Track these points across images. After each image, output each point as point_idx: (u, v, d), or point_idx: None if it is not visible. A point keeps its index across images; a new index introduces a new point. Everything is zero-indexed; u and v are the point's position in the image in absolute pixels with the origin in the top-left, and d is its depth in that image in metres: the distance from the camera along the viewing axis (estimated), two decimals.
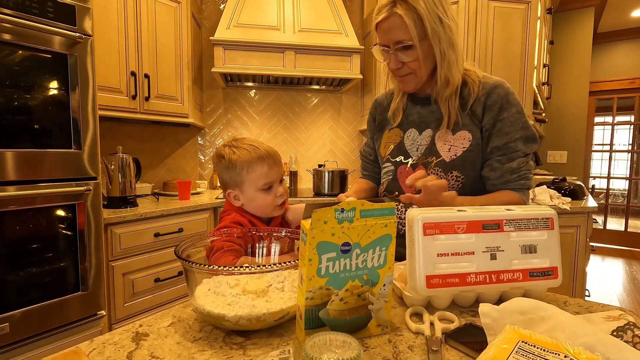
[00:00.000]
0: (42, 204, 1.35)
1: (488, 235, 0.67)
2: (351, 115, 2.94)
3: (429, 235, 0.64)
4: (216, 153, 0.99)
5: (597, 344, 0.44)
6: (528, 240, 0.68)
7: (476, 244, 0.66)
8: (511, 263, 0.67)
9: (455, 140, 0.95)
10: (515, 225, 0.68)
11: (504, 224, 0.68)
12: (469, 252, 0.65)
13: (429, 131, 0.99)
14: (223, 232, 0.82)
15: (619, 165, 4.92)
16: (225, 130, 2.76)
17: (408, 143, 1.02)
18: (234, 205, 0.98)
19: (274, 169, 0.95)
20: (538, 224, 0.68)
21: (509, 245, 0.67)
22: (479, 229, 0.66)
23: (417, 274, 0.63)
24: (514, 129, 0.92)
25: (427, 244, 0.64)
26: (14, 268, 1.29)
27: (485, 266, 0.65)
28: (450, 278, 0.64)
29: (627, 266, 4.01)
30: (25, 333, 1.32)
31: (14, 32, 1.25)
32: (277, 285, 0.62)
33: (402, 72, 0.95)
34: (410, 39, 0.88)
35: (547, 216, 0.69)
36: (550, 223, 0.69)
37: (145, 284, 1.77)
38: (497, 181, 0.94)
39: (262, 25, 2.32)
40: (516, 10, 2.21)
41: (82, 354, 0.51)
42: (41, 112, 1.34)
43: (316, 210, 0.50)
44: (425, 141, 0.99)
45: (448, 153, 0.95)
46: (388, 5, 0.88)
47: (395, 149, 1.04)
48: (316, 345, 0.46)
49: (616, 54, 4.25)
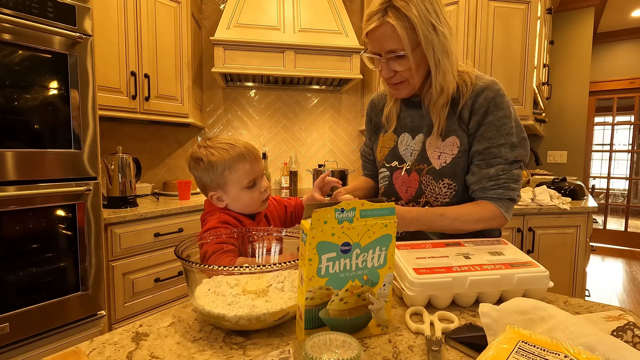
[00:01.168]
0: (42, 204, 1.35)
1: (453, 248, 0.78)
2: (351, 115, 2.94)
3: (403, 249, 0.76)
4: (192, 156, 0.93)
5: (597, 344, 0.44)
6: (493, 249, 0.78)
7: (447, 251, 0.76)
8: (485, 261, 0.72)
9: (445, 146, 0.92)
10: (474, 243, 0.81)
11: (463, 243, 0.81)
12: (443, 256, 0.73)
13: (420, 136, 0.97)
14: (212, 232, 0.79)
15: (619, 165, 4.92)
16: (225, 130, 2.76)
17: (402, 148, 1.00)
18: (215, 205, 0.95)
19: (256, 165, 0.92)
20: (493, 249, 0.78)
21: (477, 251, 0.76)
22: (442, 245, 0.80)
23: (405, 270, 0.68)
24: (498, 133, 0.87)
25: (404, 254, 0.73)
26: (14, 268, 1.29)
27: (463, 263, 0.71)
28: (436, 269, 0.68)
29: (627, 266, 4.01)
30: (25, 333, 1.32)
31: (14, 32, 1.25)
32: (277, 285, 0.62)
33: (394, 80, 0.92)
34: (402, 48, 0.84)
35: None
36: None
37: (145, 284, 1.77)
38: (475, 187, 0.90)
39: (262, 25, 2.32)
40: (516, 10, 2.21)
41: (82, 354, 0.51)
42: (41, 112, 1.34)
43: (316, 210, 0.50)
44: (417, 146, 0.97)
45: (438, 160, 0.93)
46: (379, 13, 0.84)
47: (389, 154, 1.03)
48: (316, 345, 0.47)
49: (616, 54, 4.25)
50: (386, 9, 0.83)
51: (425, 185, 0.95)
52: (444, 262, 0.71)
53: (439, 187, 0.93)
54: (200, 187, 0.95)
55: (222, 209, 0.94)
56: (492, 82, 0.90)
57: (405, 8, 0.81)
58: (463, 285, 0.66)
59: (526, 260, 0.72)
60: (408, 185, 0.98)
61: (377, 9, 0.84)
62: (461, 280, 0.66)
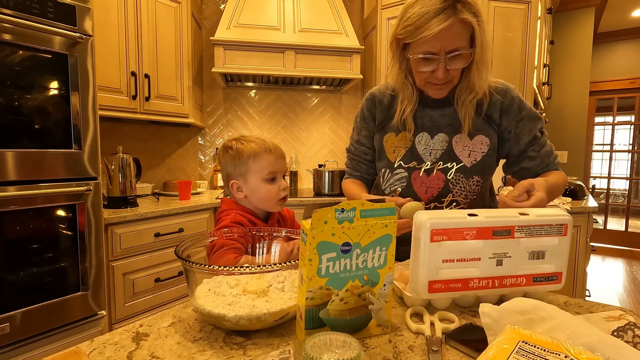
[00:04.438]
0: (42, 204, 1.35)
1: (497, 242, 0.65)
2: (351, 115, 2.94)
3: (435, 242, 0.62)
4: (223, 145, 1.00)
5: (597, 344, 0.44)
6: (537, 246, 0.67)
7: (483, 251, 0.64)
8: (517, 269, 0.66)
9: (474, 145, 0.95)
10: (527, 232, 0.66)
11: (515, 231, 0.65)
12: (475, 259, 0.64)
13: (442, 135, 0.96)
14: (224, 231, 0.82)
15: (619, 165, 4.92)
16: (225, 130, 2.76)
17: (421, 148, 0.98)
18: (232, 204, 0.97)
19: (279, 161, 0.97)
20: (551, 230, 0.67)
21: (517, 251, 0.66)
22: (489, 235, 0.64)
23: (420, 279, 0.63)
24: (534, 122, 0.96)
25: (433, 251, 0.62)
26: (14, 268, 1.29)
27: (489, 272, 0.65)
28: (453, 283, 0.63)
29: (628, 266, 4.01)
30: (25, 333, 1.32)
31: (14, 33, 1.25)
32: (277, 285, 0.62)
33: (443, 81, 0.87)
34: (467, 46, 0.82)
35: (561, 222, 0.67)
36: (564, 229, 0.67)
37: (146, 284, 1.77)
38: (538, 168, 0.98)
39: (262, 25, 2.32)
40: (516, 10, 2.21)
41: (82, 354, 0.51)
42: (41, 112, 1.34)
43: (316, 210, 0.50)
44: (439, 146, 0.96)
45: (468, 158, 0.95)
46: (446, 11, 0.77)
47: (407, 154, 0.99)
48: (316, 345, 0.47)
49: (616, 54, 4.24)
50: (454, 5, 0.78)
51: (454, 184, 0.96)
52: (467, 271, 0.64)
53: (469, 184, 0.95)
54: (224, 176, 0.99)
55: (238, 210, 0.95)
56: (505, 83, 0.97)
57: (474, 2, 0.79)
58: (470, 295, 0.66)
59: (556, 272, 0.69)
60: (428, 185, 0.97)
61: (442, 6, 0.77)
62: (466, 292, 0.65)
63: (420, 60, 0.86)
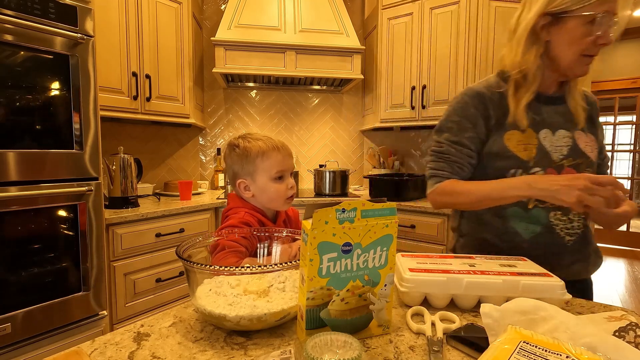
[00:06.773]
0: (43, 205, 1.35)
1: (462, 259, 0.78)
2: (352, 115, 2.94)
3: (407, 257, 0.78)
4: (229, 144, 0.98)
5: (598, 344, 0.44)
6: (506, 263, 0.77)
7: (454, 261, 0.76)
8: (491, 269, 0.71)
9: (591, 141, 0.98)
10: (487, 258, 0.81)
11: (474, 257, 0.81)
12: (446, 263, 0.74)
13: (563, 132, 0.96)
14: (229, 231, 0.81)
15: (620, 165, 4.91)
16: (226, 130, 2.76)
17: (547, 144, 0.96)
18: (240, 201, 0.96)
19: (287, 159, 0.96)
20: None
21: (486, 263, 0.76)
22: (451, 257, 0.80)
23: (401, 269, 0.71)
24: (602, 130, 1.04)
25: (406, 260, 0.76)
26: (15, 268, 1.29)
27: (463, 268, 0.72)
28: (432, 270, 0.70)
29: (629, 266, 4.00)
30: (27, 333, 1.32)
31: (15, 33, 1.25)
32: (278, 285, 0.62)
33: (611, 42, 0.88)
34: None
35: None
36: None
37: (147, 284, 1.77)
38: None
39: (263, 25, 2.32)
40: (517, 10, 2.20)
41: (83, 354, 0.51)
42: (43, 112, 1.34)
43: (317, 210, 0.50)
44: (563, 142, 0.96)
45: (592, 154, 0.97)
46: None
47: (538, 152, 0.95)
48: (317, 346, 0.46)
49: (618, 53, 4.24)
50: None
51: None
52: (443, 267, 0.71)
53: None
54: (231, 175, 0.98)
55: (246, 206, 0.94)
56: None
57: None
58: (460, 286, 0.66)
59: (540, 272, 0.70)
60: None
61: None
62: (457, 281, 0.66)
63: (587, 26, 0.86)
